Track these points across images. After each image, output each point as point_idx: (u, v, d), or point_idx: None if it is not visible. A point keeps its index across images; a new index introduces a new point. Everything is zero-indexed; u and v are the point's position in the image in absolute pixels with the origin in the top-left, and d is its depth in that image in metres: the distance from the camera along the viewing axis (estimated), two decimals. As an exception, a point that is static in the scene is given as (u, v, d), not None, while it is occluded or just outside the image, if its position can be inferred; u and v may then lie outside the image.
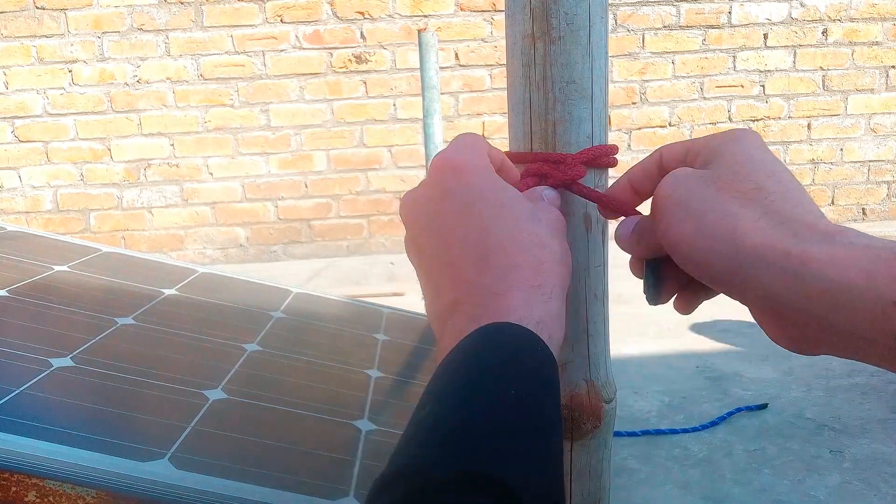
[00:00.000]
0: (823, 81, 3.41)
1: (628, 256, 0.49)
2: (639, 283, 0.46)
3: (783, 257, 0.33)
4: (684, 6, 3.31)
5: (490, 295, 0.37)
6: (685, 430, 1.66)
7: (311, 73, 3.27)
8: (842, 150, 3.49)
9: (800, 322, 0.34)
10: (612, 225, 0.48)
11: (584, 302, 0.50)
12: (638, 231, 0.44)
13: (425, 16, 3.26)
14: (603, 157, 0.48)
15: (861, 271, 0.31)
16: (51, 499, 0.56)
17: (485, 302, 0.37)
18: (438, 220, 0.40)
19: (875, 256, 0.31)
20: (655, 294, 0.45)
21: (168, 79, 3.24)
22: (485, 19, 3.28)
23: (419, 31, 2.31)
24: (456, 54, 3.29)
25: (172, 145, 3.30)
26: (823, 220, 0.34)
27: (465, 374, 0.33)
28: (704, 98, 3.40)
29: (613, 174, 0.44)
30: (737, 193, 0.36)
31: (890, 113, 3.46)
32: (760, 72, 3.39)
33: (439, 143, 2.36)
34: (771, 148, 3.51)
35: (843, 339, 0.32)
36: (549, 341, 0.36)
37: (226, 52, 3.23)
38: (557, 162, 0.47)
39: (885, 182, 3.53)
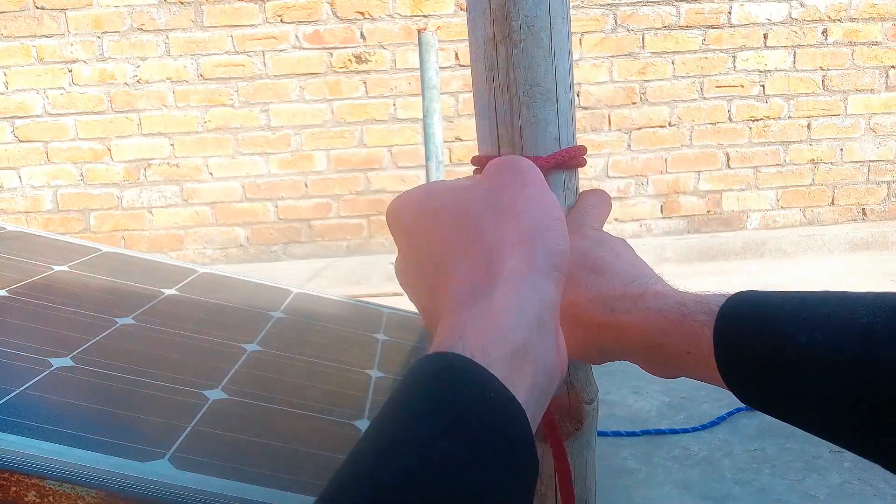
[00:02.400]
0: (823, 81, 3.41)
1: None
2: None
3: (606, 328, 0.43)
4: (684, 6, 3.31)
5: (433, 328, 0.34)
6: (685, 430, 1.66)
7: (311, 73, 3.27)
8: (842, 150, 3.48)
9: (640, 362, 0.44)
10: (606, 227, 0.48)
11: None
12: None
13: (425, 16, 3.26)
14: (572, 158, 0.48)
15: (659, 332, 0.41)
16: (51, 499, 0.56)
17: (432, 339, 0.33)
18: (419, 270, 0.39)
19: (664, 320, 0.40)
20: None
21: (168, 79, 3.24)
22: (485, 19, 3.27)
23: (419, 31, 2.31)
24: (456, 54, 3.29)
25: (172, 145, 3.30)
26: (634, 281, 0.43)
27: (378, 429, 0.28)
28: (704, 98, 3.40)
29: (583, 175, 0.45)
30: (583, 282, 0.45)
31: (890, 113, 3.46)
32: (760, 72, 3.39)
33: (439, 143, 2.36)
34: (771, 148, 3.51)
35: (672, 370, 0.42)
36: (480, 351, 0.30)
37: (226, 52, 3.23)
38: None
39: (885, 182, 3.53)
